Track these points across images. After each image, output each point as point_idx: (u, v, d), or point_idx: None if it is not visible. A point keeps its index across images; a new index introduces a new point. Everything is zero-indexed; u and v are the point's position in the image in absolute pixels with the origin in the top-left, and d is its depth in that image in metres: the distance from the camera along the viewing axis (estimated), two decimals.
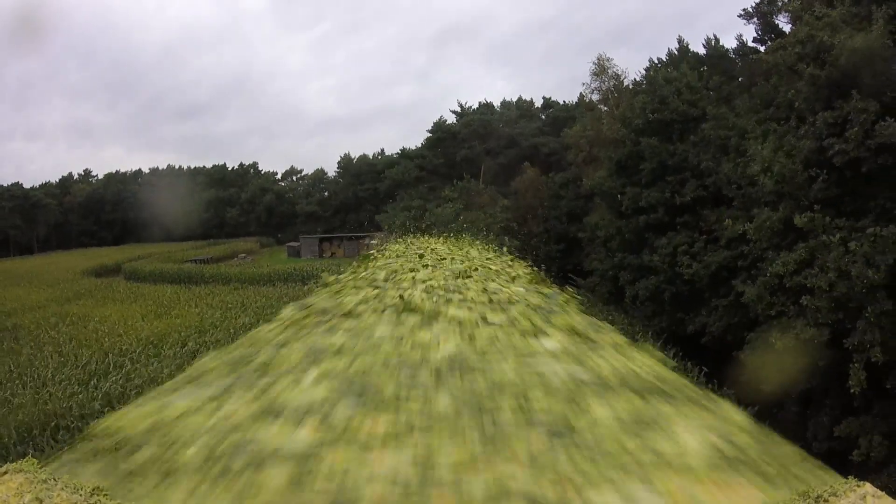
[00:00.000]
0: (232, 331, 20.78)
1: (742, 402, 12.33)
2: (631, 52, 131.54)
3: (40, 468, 2.20)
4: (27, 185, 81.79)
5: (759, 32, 23.10)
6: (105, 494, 2.12)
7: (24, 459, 2.28)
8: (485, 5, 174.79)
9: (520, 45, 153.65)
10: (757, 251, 11.30)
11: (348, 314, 4.88)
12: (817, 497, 2.13)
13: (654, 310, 19.08)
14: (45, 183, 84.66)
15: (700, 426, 2.60)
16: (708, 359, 15.37)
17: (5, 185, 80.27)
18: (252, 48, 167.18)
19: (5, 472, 2.18)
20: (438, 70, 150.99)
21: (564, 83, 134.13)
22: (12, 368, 20.87)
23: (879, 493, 2.06)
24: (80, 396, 16.52)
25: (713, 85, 22.28)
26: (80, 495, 2.09)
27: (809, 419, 10.67)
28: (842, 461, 9.44)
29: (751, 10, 23.80)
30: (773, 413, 11.93)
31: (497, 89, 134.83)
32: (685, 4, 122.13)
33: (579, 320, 4.80)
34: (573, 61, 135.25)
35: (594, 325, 4.68)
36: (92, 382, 18.29)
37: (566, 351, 3.69)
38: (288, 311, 5.26)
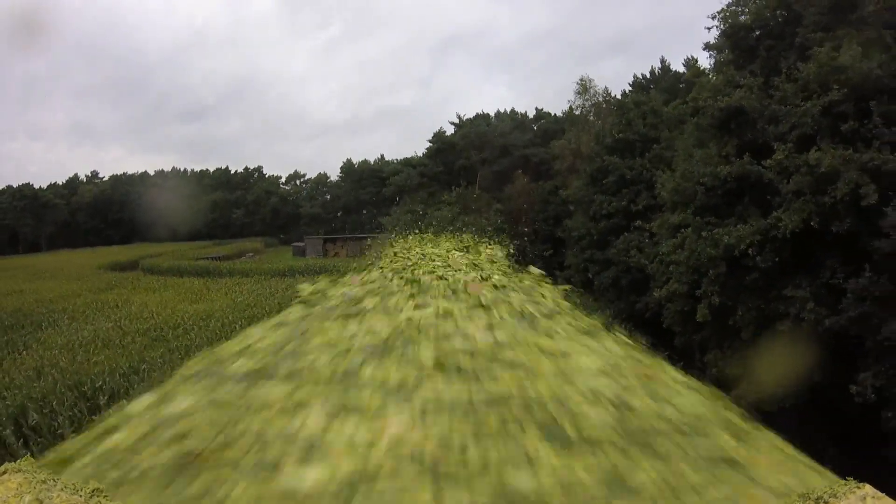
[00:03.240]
0: (267, 309, 25.41)
1: (675, 361, 17.20)
2: (629, 59, 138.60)
3: (39, 468, 2.30)
4: (33, 186, 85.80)
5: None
6: (105, 496, 2.23)
7: (23, 459, 2.40)
8: (487, 16, 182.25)
9: (520, 54, 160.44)
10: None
11: None
12: (817, 499, 2.27)
13: (616, 295, 24.14)
14: (53, 184, 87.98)
15: None
16: (666, 337, 20.27)
17: (15, 185, 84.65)
18: (257, 53, 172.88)
19: (4, 472, 2.28)
20: (440, 77, 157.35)
21: (563, 90, 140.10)
22: (81, 340, 25.57)
23: (879, 494, 2.25)
24: (161, 350, 21.43)
25: (674, 109, 27.27)
26: (80, 496, 2.18)
27: (698, 352, 15.66)
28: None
29: (713, 42, 29.00)
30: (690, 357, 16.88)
31: (497, 96, 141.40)
32: (681, 15, 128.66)
33: None
34: (571, 69, 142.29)
35: None
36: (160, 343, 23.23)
37: None
38: None
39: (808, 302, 11.12)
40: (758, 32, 16.66)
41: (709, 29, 16.98)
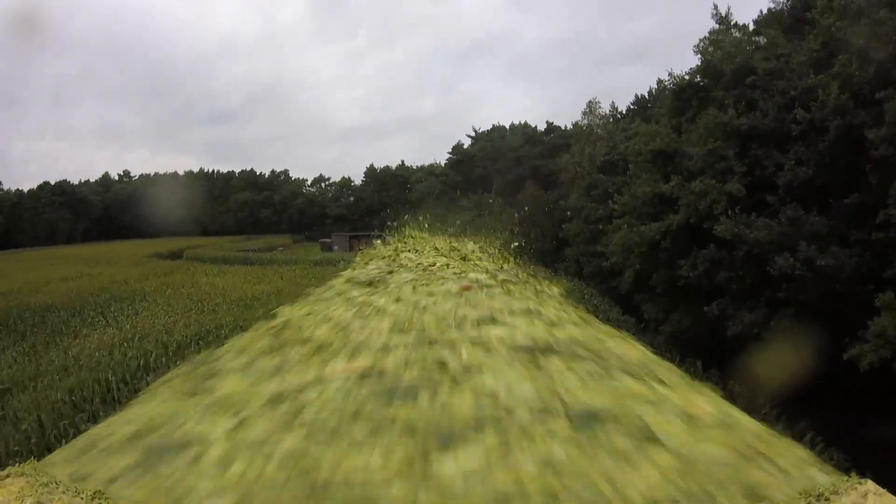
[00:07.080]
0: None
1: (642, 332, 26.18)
2: (646, 67, 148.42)
3: (40, 472, 2.45)
4: (70, 182, 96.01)
5: None
6: (106, 498, 2.37)
7: (26, 462, 2.56)
8: (509, 26, 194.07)
9: (539, 62, 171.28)
10: None
11: None
12: (819, 495, 2.40)
13: (601, 280, 33.24)
14: (86, 181, 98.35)
15: None
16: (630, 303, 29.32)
17: (52, 182, 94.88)
18: (285, 60, 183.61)
19: (7, 476, 2.44)
20: (461, 83, 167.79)
21: (580, 96, 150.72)
22: (179, 310, 33.96)
23: (881, 490, 2.38)
24: (262, 311, 30.33)
25: (625, 149, 36.28)
26: (82, 499, 2.30)
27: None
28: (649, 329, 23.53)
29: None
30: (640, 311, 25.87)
31: (514, 102, 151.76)
32: (699, 23, 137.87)
33: None
34: (589, 76, 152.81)
35: None
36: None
37: None
38: None
39: (686, 268, 20.26)
40: (692, 90, 25.80)
41: (663, 81, 26.25)
